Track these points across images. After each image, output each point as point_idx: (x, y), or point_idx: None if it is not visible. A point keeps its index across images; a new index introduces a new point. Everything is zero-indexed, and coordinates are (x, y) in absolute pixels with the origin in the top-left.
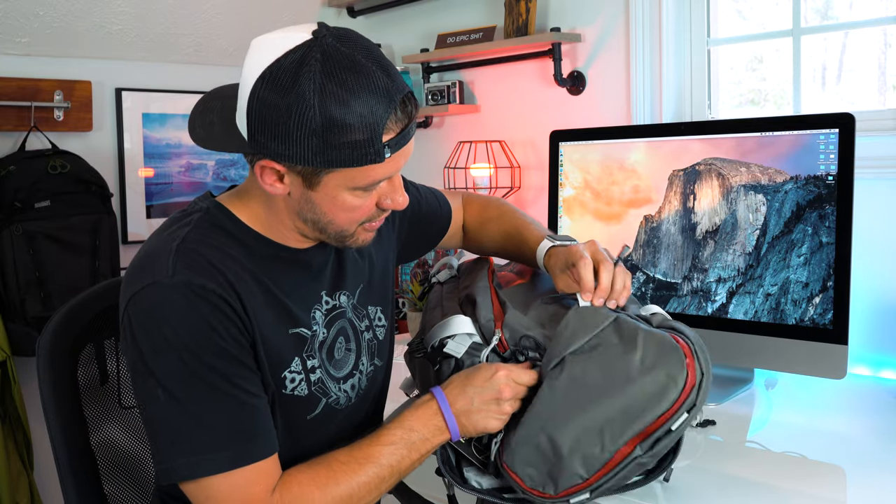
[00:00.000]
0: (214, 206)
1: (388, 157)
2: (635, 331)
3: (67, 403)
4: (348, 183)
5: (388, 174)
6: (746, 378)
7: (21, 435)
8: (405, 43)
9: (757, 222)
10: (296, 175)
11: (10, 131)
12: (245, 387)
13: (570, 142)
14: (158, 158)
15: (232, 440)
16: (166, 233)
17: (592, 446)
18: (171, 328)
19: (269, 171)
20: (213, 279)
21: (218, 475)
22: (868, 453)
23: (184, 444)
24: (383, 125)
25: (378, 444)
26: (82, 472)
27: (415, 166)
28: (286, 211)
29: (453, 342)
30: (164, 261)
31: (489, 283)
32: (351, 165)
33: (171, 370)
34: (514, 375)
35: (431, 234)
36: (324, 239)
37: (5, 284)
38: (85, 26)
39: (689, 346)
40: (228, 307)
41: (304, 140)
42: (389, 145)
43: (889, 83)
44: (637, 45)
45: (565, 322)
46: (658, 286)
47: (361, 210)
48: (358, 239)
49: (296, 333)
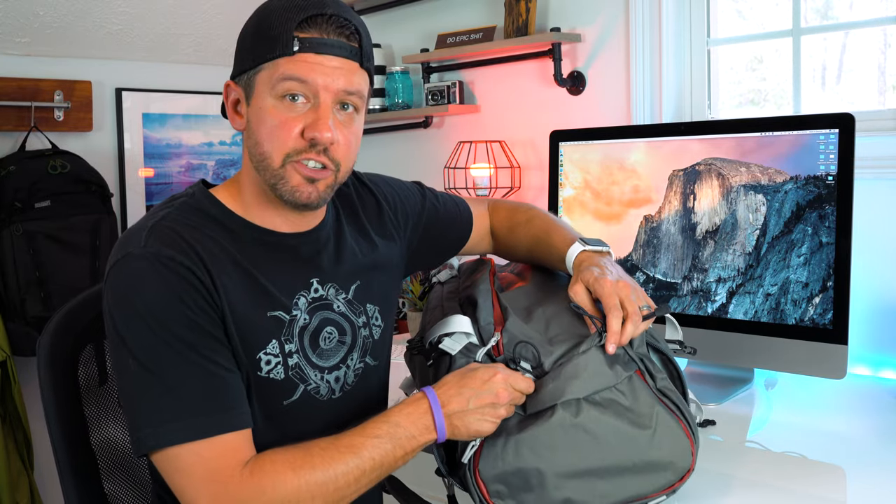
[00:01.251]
0: (200, 192)
1: (300, 54)
2: (651, 406)
3: (68, 403)
4: (268, 82)
5: (299, 73)
6: (746, 378)
7: (21, 435)
8: (405, 43)
9: (757, 222)
10: (241, 91)
11: (11, 131)
12: (215, 359)
13: (570, 142)
14: (158, 158)
15: (200, 410)
16: (149, 214)
17: (580, 494)
18: (140, 298)
19: (230, 97)
20: (181, 252)
21: (184, 444)
22: (868, 453)
23: (152, 414)
24: (295, 22)
25: (361, 435)
26: (82, 471)
27: (415, 166)
28: (249, 165)
29: (450, 340)
30: (139, 235)
31: (490, 285)
32: (266, 58)
33: (141, 339)
34: (511, 380)
35: (451, 240)
36: (270, 191)
37: (5, 284)
38: (85, 26)
39: (691, 433)
40: (196, 280)
41: (242, 44)
42: (301, 41)
43: (889, 83)
44: (637, 45)
45: (585, 361)
46: (658, 286)
47: (283, 129)
48: (289, 181)
49: (274, 316)
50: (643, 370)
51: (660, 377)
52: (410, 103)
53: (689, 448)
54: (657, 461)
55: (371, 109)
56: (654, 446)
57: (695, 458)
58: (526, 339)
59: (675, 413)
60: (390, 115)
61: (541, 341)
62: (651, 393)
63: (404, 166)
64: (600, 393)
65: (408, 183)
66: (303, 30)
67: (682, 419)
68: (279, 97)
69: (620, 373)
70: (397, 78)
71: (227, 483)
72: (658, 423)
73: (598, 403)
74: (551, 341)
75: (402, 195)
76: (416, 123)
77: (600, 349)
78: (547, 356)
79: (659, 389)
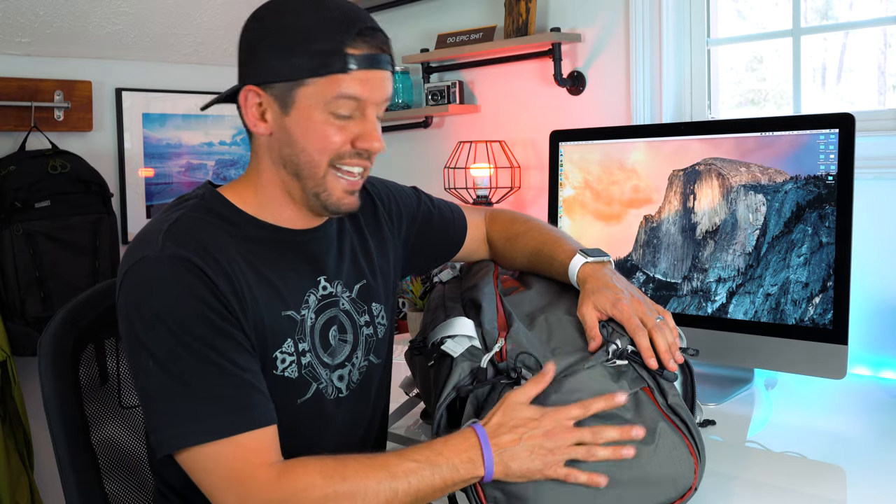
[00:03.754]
0: (210, 193)
1: (355, 72)
2: (655, 422)
3: (69, 403)
4: (319, 98)
5: (355, 92)
6: (746, 378)
7: (21, 435)
8: (405, 43)
9: (757, 222)
10: (272, 101)
11: (11, 131)
12: (235, 359)
13: (570, 142)
14: (158, 158)
15: (223, 410)
16: (162, 216)
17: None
18: (160, 300)
19: (252, 101)
20: (198, 255)
21: (209, 444)
22: (868, 453)
23: (174, 415)
24: (346, 38)
25: (399, 456)
26: (83, 470)
27: (415, 166)
28: (272, 168)
29: (452, 342)
30: (155, 238)
31: (494, 288)
32: (316, 74)
33: (161, 341)
34: (594, 431)
35: (445, 244)
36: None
37: (5, 284)
38: (85, 26)
39: (696, 451)
40: (211, 283)
41: (273, 53)
42: (355, 59)
43: (889, 83)
44: (637, 45)
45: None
46: (658, 286)
47: (334, 143)
48: (332, 193)
49: (287, 315)
50: (652, 387)
51: (672, 393)
52: (410, 103)
53: (693, 466)
54: (657, 477)
55: None
56: (655, 463)
57: (697, 478)
58: (529, 349)
59: (681, 431)
60: (390, 115)
61: (543, 352)
62: (656, 409)
63: (404, 166)
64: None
65: (403, 186)
66: (354, 46)
67: (689, 438)
68: (331, 113)
69: (626, 389)
70: (397, 78)
71: (254, 483)
72: (660, 439)
73: (600, 417)
74: (553, 352)
75: (397, 196)
76: (416, 123)
77: (606, 366)
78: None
79: (669, 406)
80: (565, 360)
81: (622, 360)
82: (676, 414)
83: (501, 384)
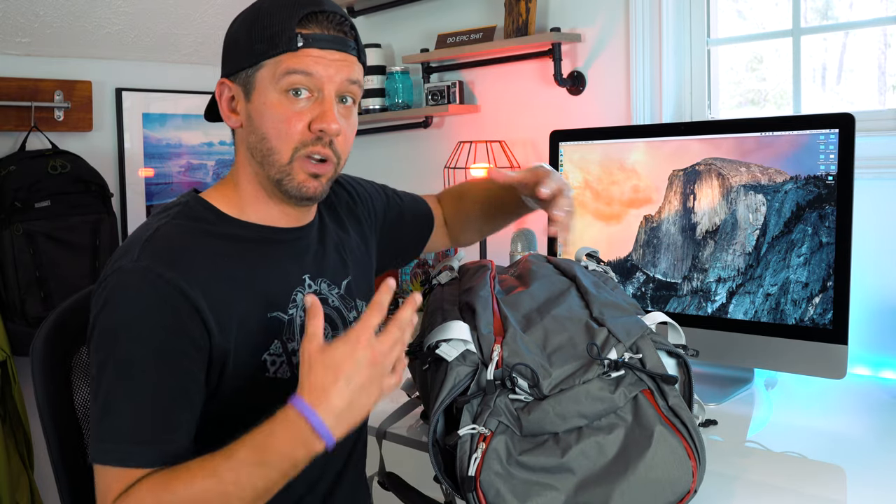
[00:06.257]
0: (193, 199)
1: (305, 50)
2: (652, 426)
3: (61, 405)
4: (271, 78)
5: (304, 67)
6: (746, 378)
7: (21, 435)
8: (405, 43)
9: (757, 222)
10: (239, 90)
11: (11, 131)
12: (181, 383)
13: (570, 142)
14: (158, 158)
15: (130, 438)
16: (144, 225)
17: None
18: (119, 313)
19: (225, 94)
20: (173, 268)
21: (103, 467)
22: (868, 453)
23: (96, 426)
24: (295, 18)
25: (223, 457)
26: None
27: (415, 166)
28: (246, 162)
29: (447, 345)
30: (134, 249)
31: (490, 290)
32: (268, 56)
33: (110, 352)
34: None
35: (418, 233)
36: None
37: (5, 284)
38: (85, 26)
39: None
40: (183, 298)
41: (238, 43)
42: (304, 37)
43: (889, 83)
44: (637, 45)
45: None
46: (658, 286)
47: (290, 123)
48: (295, 178)
49: (274, 317)
50: (653, 389)
51: (672, 395)
52: (410, 103)
53: (691, 470)
54: (654, 481)
55: (371, 109)
56: (652, 467)
57: (696, 481)
58: (525, 359)
59: (680, 434)
60: (390, 115)
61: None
62: (655, 413)
63: (404, 166)
64: (604, 417)
65: (369, 181)
66: (303, 26)
67: (688, 440)
68: (283, 91)
69: (625, 395)
70: (397, 78)
71: None
72: (658, 443)
73: (600, 429)
74: (549, 358)
75: (369, 190)
76: (416, 123)
77: (603, 378)
78: (545, 377)
79: (670, 408)
80: (562, 369)
81: (618, 372)
82: (677, 416)
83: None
